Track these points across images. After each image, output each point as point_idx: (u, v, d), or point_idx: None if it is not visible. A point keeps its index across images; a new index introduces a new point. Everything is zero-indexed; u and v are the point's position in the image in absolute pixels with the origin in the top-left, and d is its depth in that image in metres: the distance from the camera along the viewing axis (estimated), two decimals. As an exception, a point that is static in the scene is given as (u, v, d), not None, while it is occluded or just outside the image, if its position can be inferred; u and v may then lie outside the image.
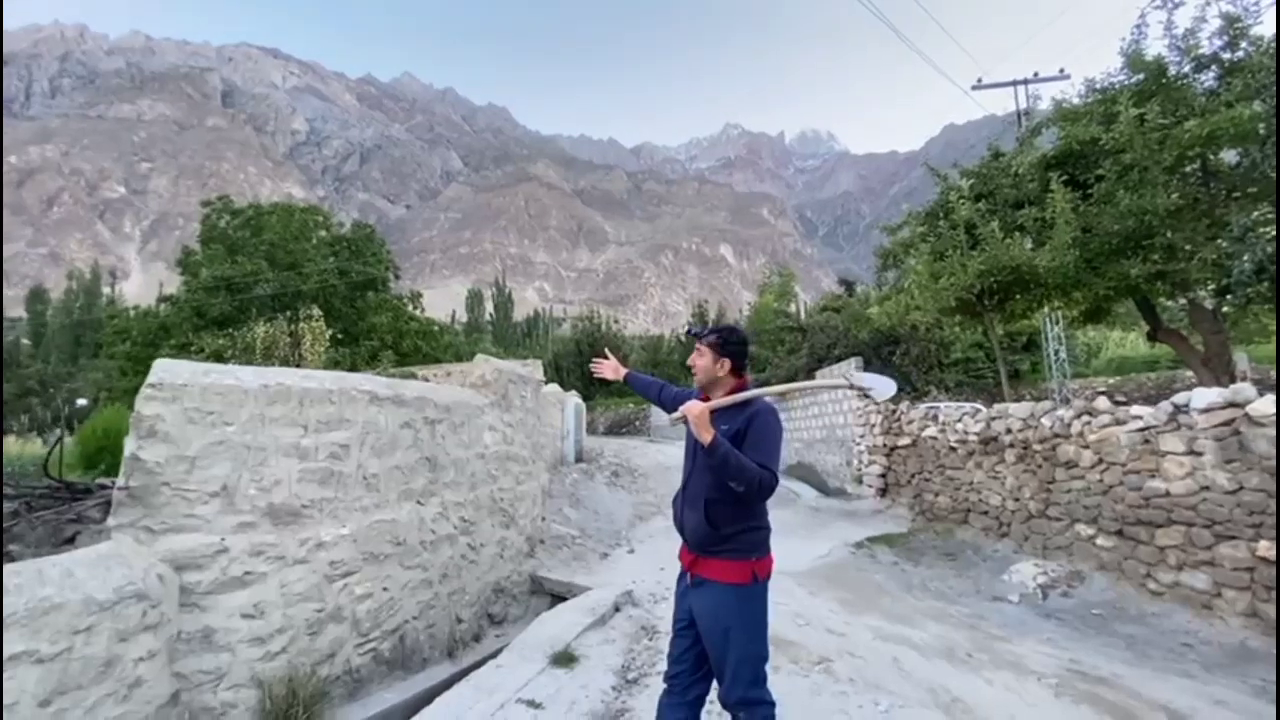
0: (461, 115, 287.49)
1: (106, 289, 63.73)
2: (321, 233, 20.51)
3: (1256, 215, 6.90)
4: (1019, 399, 8.89)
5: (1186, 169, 7.00)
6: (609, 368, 2.97)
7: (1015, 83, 16.06)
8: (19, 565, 2.69)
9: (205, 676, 3.18)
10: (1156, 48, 7.24)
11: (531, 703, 3.30)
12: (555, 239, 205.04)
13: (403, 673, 4.30)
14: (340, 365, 13.38)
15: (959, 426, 7.60)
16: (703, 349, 2.41)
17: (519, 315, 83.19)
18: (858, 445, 10.50)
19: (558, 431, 11.75)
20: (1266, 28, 6.64)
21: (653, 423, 24.05)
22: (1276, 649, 3.78)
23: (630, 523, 9.14)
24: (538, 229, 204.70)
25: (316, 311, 12.46)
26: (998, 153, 9.38)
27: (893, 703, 3.34)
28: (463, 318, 77.38)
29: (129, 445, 3.21)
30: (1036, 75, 16.14)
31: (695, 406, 2.18)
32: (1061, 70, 15.86)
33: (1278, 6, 6.38)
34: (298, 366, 9.59)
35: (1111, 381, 16.35)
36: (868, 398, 8.79)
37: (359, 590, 4.04)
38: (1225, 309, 7.45)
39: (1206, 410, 4.51)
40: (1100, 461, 5.43)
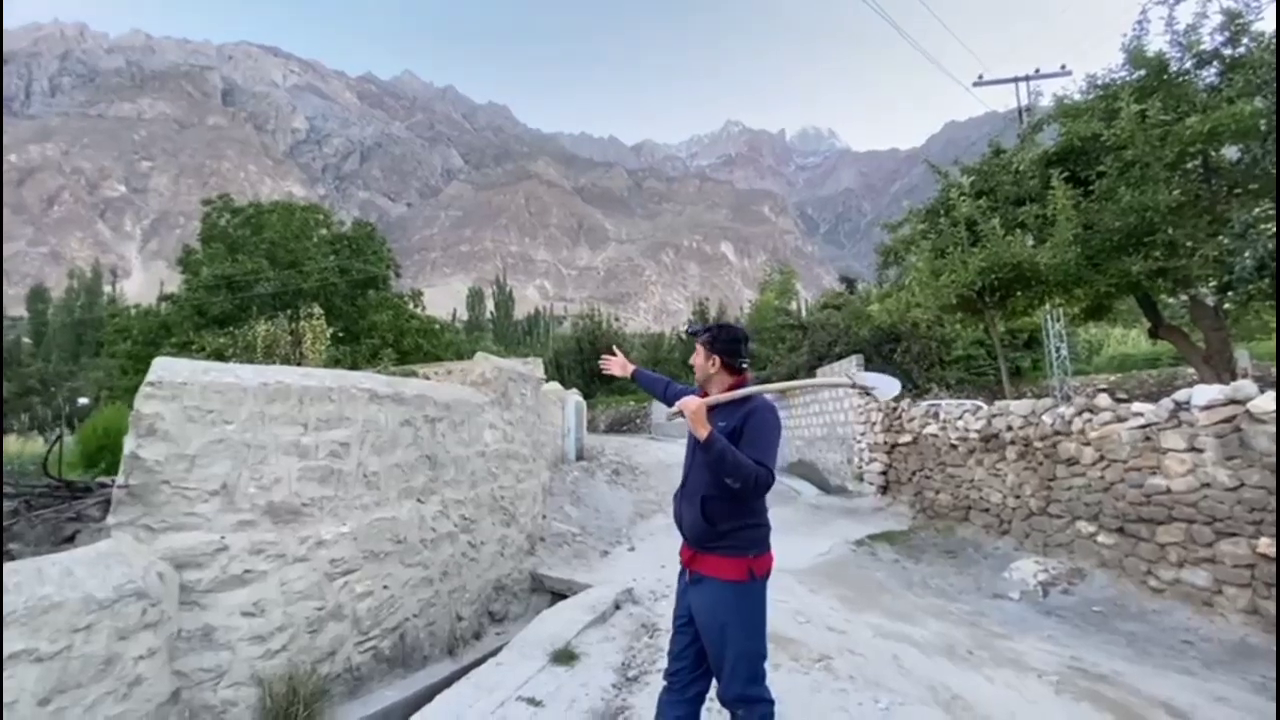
0: (462, 113, 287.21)
1: (107, 288, 63.80)
2: (322, 231, 20.47)
3: (1258, 212, 6.89)
4: (1020, 396, 8.88)
5: (1188, 165, 6.98)
6: (617, 364, 3.05)
7: (1017, 79, 15.99)
8: (18, 564, 2.69)
9: (205, 674, 3.19)
10: (1158, 44, 7.23)
11: (532, 700, 3.30)
12: (556, 237, 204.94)
13: (403, 670, 4.30)
14: (341, 363, 13.37)
15: (960, 424, 7.59)
16: (698, 347, 2.48)
17: (520, 313, 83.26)
18: (858, 443, 10.50)
19: (558, 429, 11.75)
20: (1268, 23, 6.63)
21: (654, 420, 24.04)
22: (1277, 646, 3.78)
23: (631, 520, 9.14)
24: (538, 227, 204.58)
25: (317, 310, 12.42)
26: (999, 149, 9.36)
27: (893, 700, 3.33)
28: (464, 316, 77.42)
29: (128, 443, 3.21)
30: (1038, 71, 16.06)
31: (692, 402, 2.21)
32: (1063, 66, 15.79)
33: (1278, 3, 6.37)
34: (299, 365, 9.58)
35: (1113, 379, 16.33)
36: (871, 397, 8.84)
37: (359, 588, 4.04)
38: (1226, 306, 7.44)
39: (1207, 407, 4.50)
40: (1101, 459, 5.43)
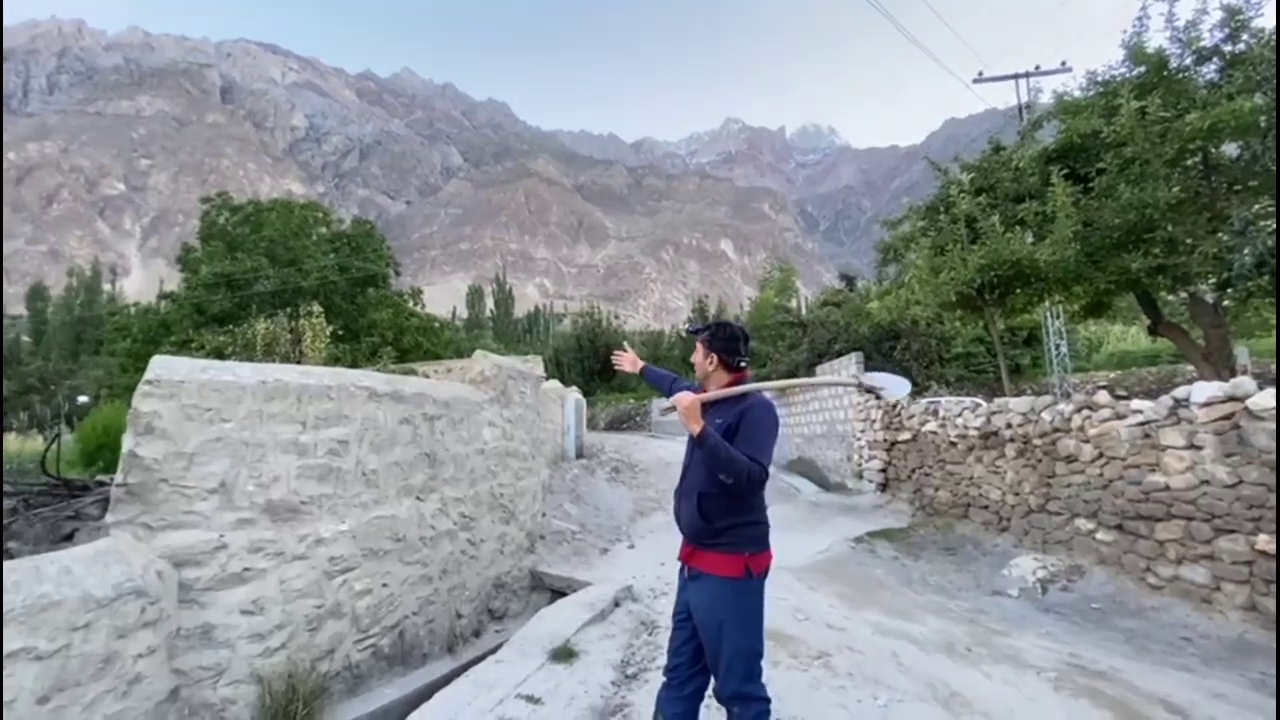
0: (461, 111, 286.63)
1: (107, 286, 63.72)
2: (321, 229, 20.44)
3: (1257, 209, 6.89)
4: (1019, 394, 8.88)
5: (1187, 162, 6.98)
6: (628, 359, 3.11)
7: (1016, 76, 15.96)
8: (17, 562, 2.69)
9: (205, 672, 3.19)
10: (1158, 40, 7.22)
11: (531, 698, 3.30)
12: (556, 235, 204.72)
13: (402, 668, 4.31)
14: (341, 361, 13.36)
15: (959, 421, 7.60)
16: (698, 345, 2.50)
17: (519, 311, 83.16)
18: (858, 440, 10.50)
19: (558, 427, 11.76)
20: (1268, 20, 6.62)
21: (653, 418, 24.05)
22: (1276, 643, 3.78)
23: (631, 518, 9.14)
24: (538, 225, 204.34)
25: (317, 308, 12.42)
26: (998, 146, 9.35)
27: (891, 697, 3.34)
28: (463, 314, 77.38)
29: (127, 442, 3.21)
30: (1038, 68, 16.04)
31: (685, 398, 2.25)
32: (1063, 63, 15.76)
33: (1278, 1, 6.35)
34: (298, 363, 9.58)
35: (1112, 376, 16.34)
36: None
37: (358, 586, 4.04)
38: (1226, 303, 7.44)
39: (1206, 404, 4.50)
40: (1100, 456, 5.43)
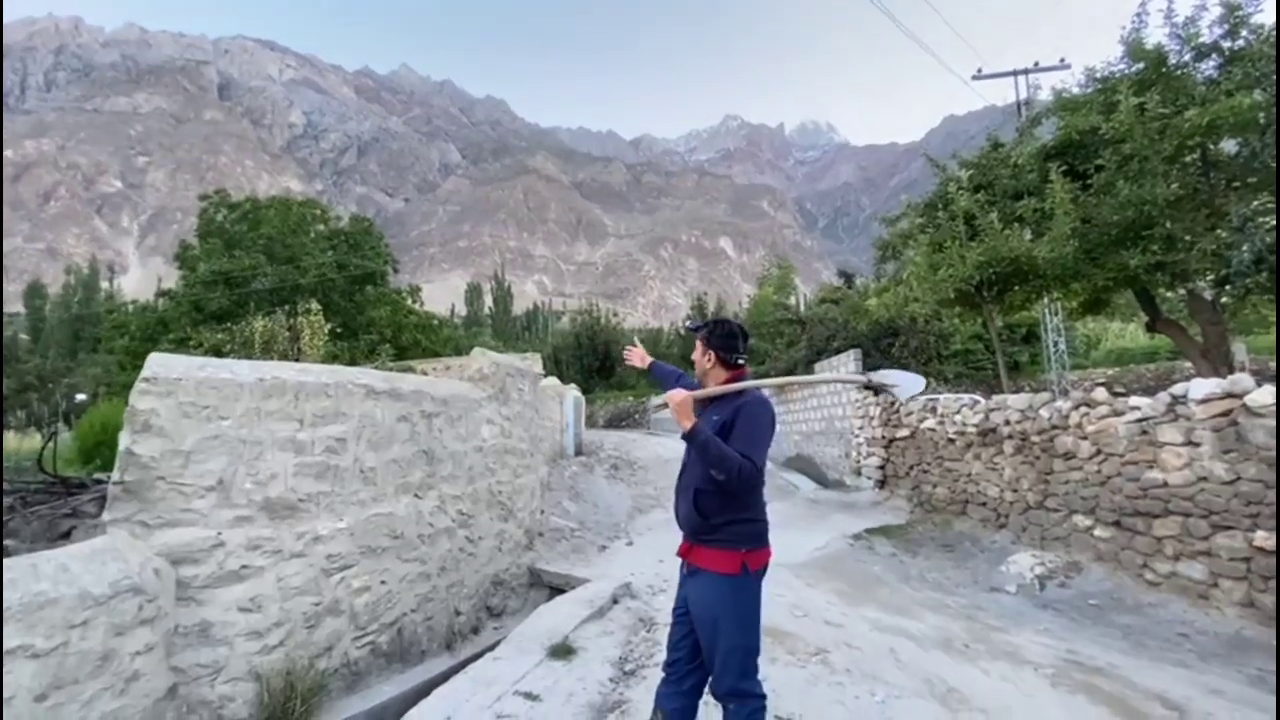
0: (459, 108, 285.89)
1: (105, 283, 63.60)
2: (319, 226, 20.39)
3: (1256, 205, 6.88)
4: (1018, 391, 8.89)
5: (1186, 159, 6.96)
6: (637, 355, 3.13)
7: (1015, 72, 15.94)
8: (14, 560, 2.68)
9: (203, 670, 3.19)
10: (1157, 36, 7.20)
11: (529, 695, 3.31)
12: (554, 232, 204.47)
13: (401, 665, 4.31)
14: (339, 359, 13.34)
15: (957, 418, 7.60)
16: (697, 342, 2.52)
17: (518, 309, 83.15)
18: (856, 437, 10.50)
19: (557, 425, 11.76)
20: (1267, 16, 6.60)
21: (652, 415, 24.06)
22: (1276, 640, 3.78)
23: (629, 515, 9.15)
24: (537, 222, 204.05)
25: (315, 305, 12.41)
26: (997, 143, 9.34)
27: (889, 693, 3.34)
28: (462, 311, 77.35)
29: (123, 440, 3.20)
30: (1037, 65, 16.02)
31: (677, 394, 2.28)
32: (1062, 60, 15.76)
33: None
34: (297, 360, 9.57)
35: (1111, 373, 16.35)
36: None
37: (356, 584, 4.04)
38: (1224, 300, 7.44)
39: (1204, 401, 4.51)
40: (1098, 452, 5.44)
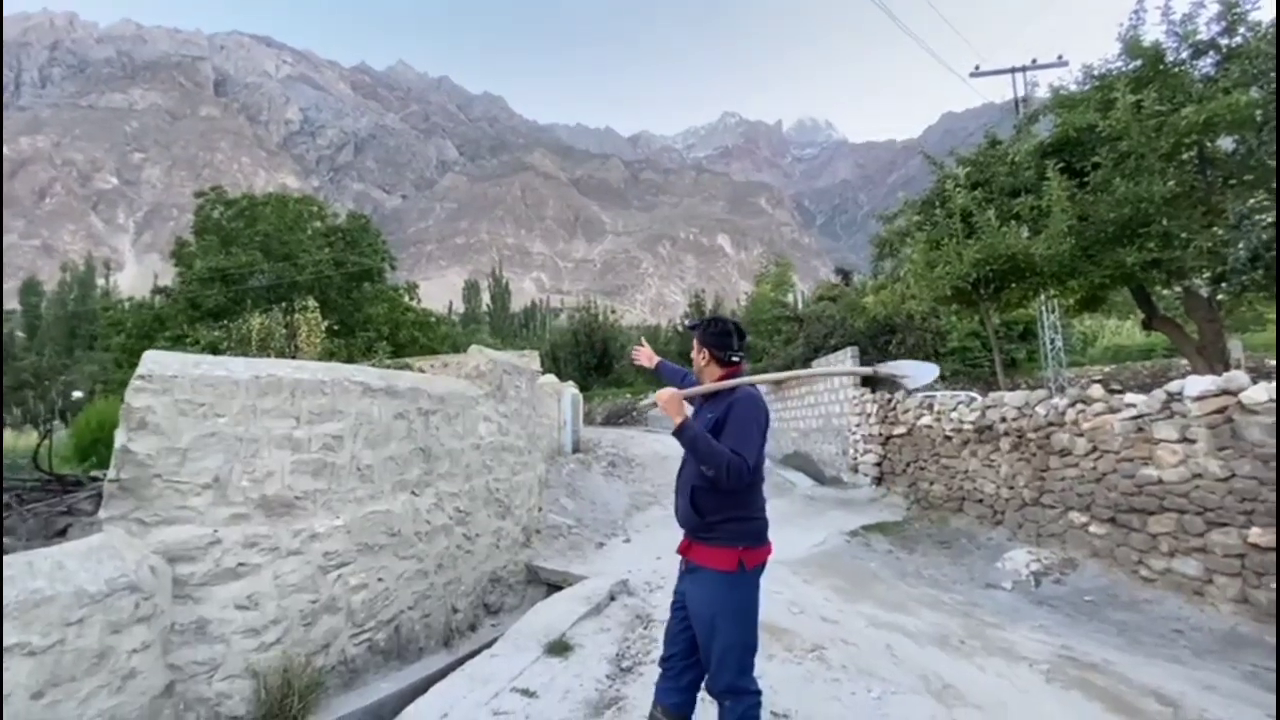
0: (457, 104, 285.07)
1: (101, 280, 63.33)
2: (316, 223, 20.29)
3: (1252, 203, 6.90)
4: (1015, 388, 8.91)
5: (1183, 156, 6.97)
6: (645, 354, 3.15)
7: (1013, 70, 15.94)
8: (10, 558, 2.68)
9: (200, 667, 3.19)
10: (1154, 33, 7.20)
11: (526, 691, 3.31)
12: (552, 229, 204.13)
13: (398, 662, 4.31)
14: (336, 356, 13.30)
15: (954, 415, 7.62)
16: (694, 341, 2.54)
17: (516, 306, 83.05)
18: (853, 434, 10.52)
19: (554, 422, 11.76)
20: (1264, 13, 6.61)
21: (650, 413, 24.07)
22: (1277, 637, 3.79)
23: (627, 512, 9.17)
24: (534, 219, 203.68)
25: (312, 303, 12.39)
26: (995, 140, 9.34)
27: (885, 689, 3.36)
28: (460, 309, 77.24)
29: (119, 437, 3.19)
30: (1035, 62, 16.01)
31: (666, 391, 2.30)
32: (1060, 57, 15.73)
33: None
34: (293, 358, 9.55)
35: (1107, 370, 16.41)
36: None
37: (353, 581, 4.04)
38: (1220, 297, 7.46)
39: (1200, 398, 4.52)
40: (1094, 449, 5.45)
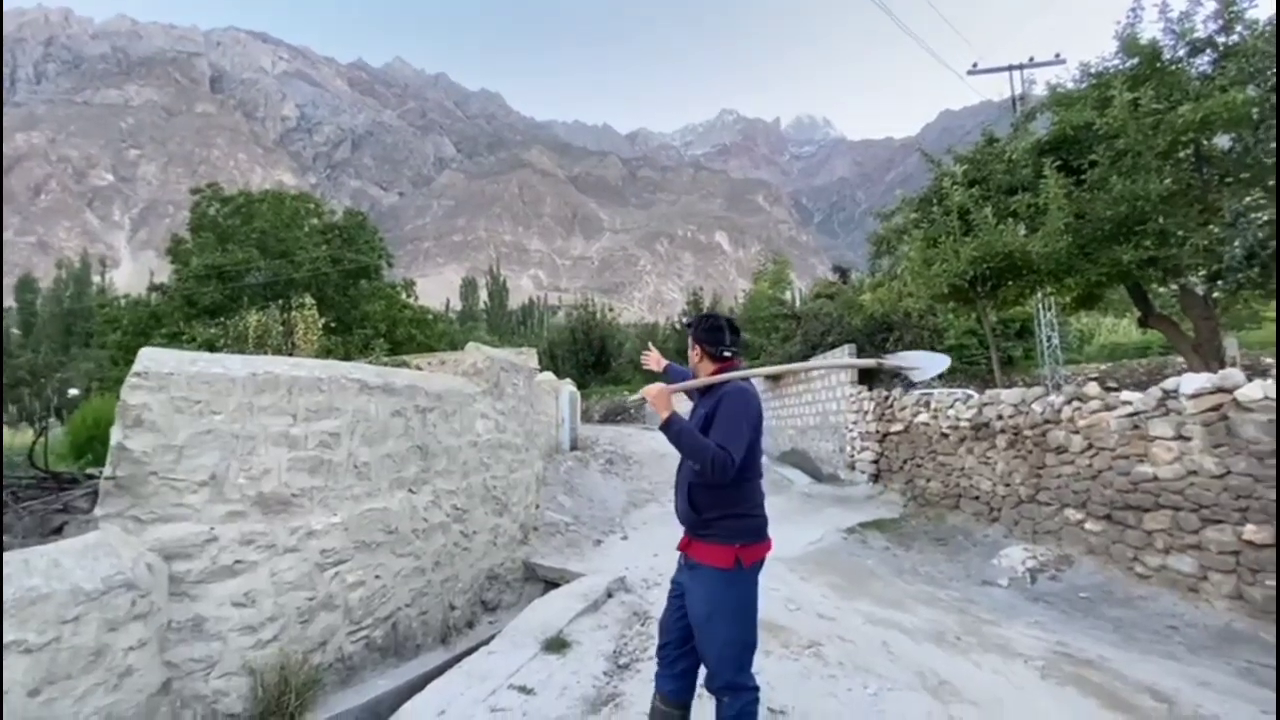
0: (454, 101, 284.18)
1: (96, 278, 63.01)
2: (313, 220, 20.23)
3: (1249, 201, 6.91)
4: (1011, 385, 8.93)
5: (1180, 154, 6.98)
6: (653, 359, 3.15)
7: (1011, 67, 15.94)
8: (6, 555, 2.67)
9: (196, 665, 3.19)
10: (1152, 31, 7.20)
11: (523, 688, 3.32)
12: (550, 226, 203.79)
13: (396, 660, 4.31)
14: (333, 354, 13.29)
15: (951, 413, 7.64)
16: (689, 339, 2.57)
17: (514, 303, 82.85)
18: (850, 432, 10.54)
19: (552, 419, 11.77)
20: (1262, 11, 6.61)
21: (648, 410, 24.08)
22: (1277, 634, 3.79)
23: (624, 509, 9.18)
24: (532, 216, 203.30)
25: (309, 300, 12.39)
26: (992, 138, 9.34)
27: (881, 686, 3.37)
28: (457, 306, 77.09)
29: (115, 435, 3.18)
30: (1032, 60, 16.02)
31: (654, 387, 2.32)
32: (1057, 55, 15.73)
33: None
34: (290, 355, 9.54)
35: (1103, 367, 16.45)
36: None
37: (351, 578, 4.04)
38: (1216, 295, 7.48)
39: (1195, 396, 4.54)
40: (1090, 447, 5.47)
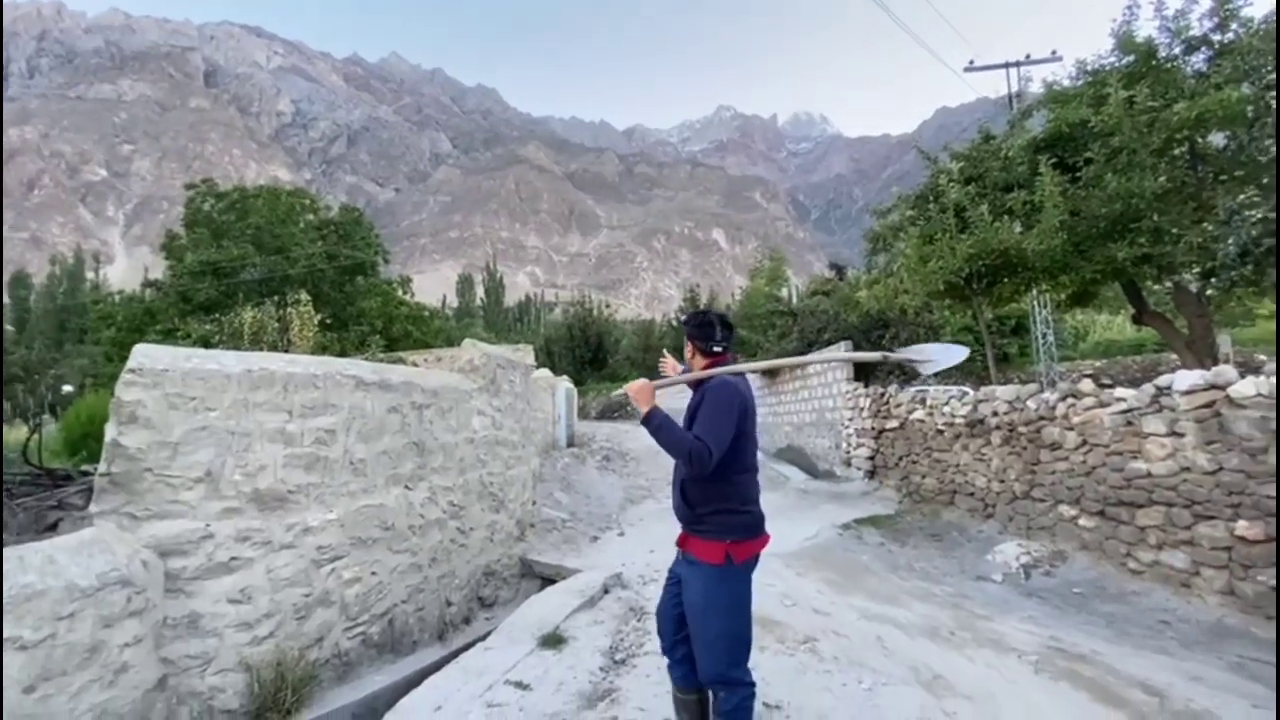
0: (450, 96, 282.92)
1: (90, 274, 62.65)
2: (309, 216, 20.12)
3: (1243, 198, 6.94)
4: (1006, 382, 8.96)
5: (1174, 152, 7.01)
6: (670, 365, 3.13)
7: (1007, 65, 15.95)
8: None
9: (192, 661, 3.19)
10: (1148, 29, 7.22)
11: (520, 684, 3.33)
12: (547, 223, 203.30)
13: (392, 656, 4.32)
14: (329, 350, 13.24)
15: (946, 410, 7.66)
16: (685, 337, 2.59)
17: (510, 300, 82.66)
18: (846, 428, 10.56)
19: (549, 416, 11.77)
20: (1257, 9, 6.63)
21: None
22: (1276, 631, 3.81)
23: (621, 506, 9.19)
24: (529, 213, 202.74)
25: (304, 296, 12.35)
26: (988, 135, 9.35)
27: (876, 680, 3.39)
28: (454, 302, 76.92)
29: (110, 431, 3.18)
30: (1029, 57, 16.03)
31: (636, 383, 2.36)
32: (1054, 52, 15.74)
33: None
34: (286, 352, 9.51)
35: (1098, 364, 16.50)
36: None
37: (347, 575, 4.04)
38: (1210, 292, 7.52)
39: (1188, 392, 4.56)
40: (1084, 443, 5.50)
